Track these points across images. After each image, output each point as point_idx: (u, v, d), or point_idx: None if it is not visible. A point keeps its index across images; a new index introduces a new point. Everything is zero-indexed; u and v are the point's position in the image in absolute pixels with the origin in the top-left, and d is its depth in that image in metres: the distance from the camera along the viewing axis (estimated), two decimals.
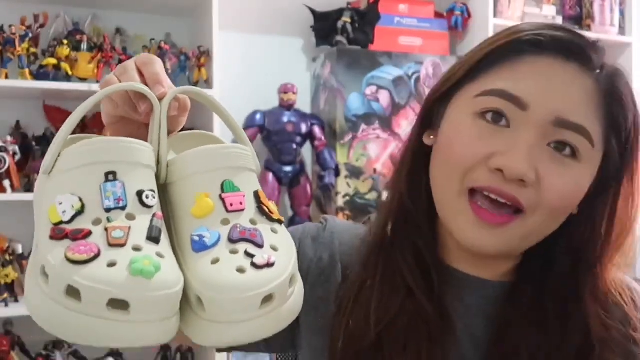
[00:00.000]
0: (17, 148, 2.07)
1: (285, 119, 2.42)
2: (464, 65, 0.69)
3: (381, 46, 2.48)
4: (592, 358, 0.66)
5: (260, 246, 0.52)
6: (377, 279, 0.71)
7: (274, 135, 2.43)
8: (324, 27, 2.54)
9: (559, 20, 2.90)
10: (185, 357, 2.28)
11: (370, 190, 2.44)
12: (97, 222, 0.49)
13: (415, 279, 0.69)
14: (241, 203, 0.54)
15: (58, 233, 0.48)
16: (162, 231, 0.51)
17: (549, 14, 2.87)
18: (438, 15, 2.71)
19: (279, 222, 0.56)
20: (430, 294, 0.69)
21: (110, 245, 0.47)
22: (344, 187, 2.41)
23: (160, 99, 0.56)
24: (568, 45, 0.65)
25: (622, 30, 3.04)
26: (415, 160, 0.73)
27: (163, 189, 0.56)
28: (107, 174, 0.50)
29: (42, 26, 2.12)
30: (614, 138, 0.66)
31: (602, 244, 0.69)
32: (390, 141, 2.46)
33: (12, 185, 2.02)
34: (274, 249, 0.53)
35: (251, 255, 0.51)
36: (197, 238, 0.52)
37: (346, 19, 2.49)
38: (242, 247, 0.51)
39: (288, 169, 2.45)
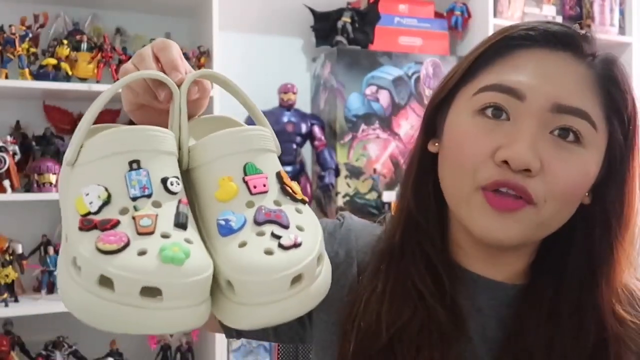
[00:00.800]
0: (17, 148, 2.06)
1: (285, 119, 2.42)
2: (460, 69, 0.70)
3: (381, 46, 2.48)
4: (606, 356, 0.66)
5: (286, 227, 0.52)
6: (389, 284, 0.71)
7: None
8: (324, 27, 2.54)
9: (559, 20, 2.90)
10: (185, 356, 2.28)
11: (370, 190, 2.44)
12: (124, 211, 0.49)
13: (427, 284, 0.69)
14: (264, 185, 0.54)
15: (87, 224, 0.48)
16: (189, 217, 0.51)
17: (549, 14, 2.87)
18: (438, 15, 2.71)
19: (303, 201, 0.56)
20: (443, 299, 0.69)
21: (139, 233, 0.48)
22: (343, 187, 2.41)
23: (179, 85, 0.56)
24: (558, 35, 0.67)
25: (622, 30, 3.04)
26: (421, 169, 0.73)
27: (186, 174, 0.56)
28: (130, 163, 0.51)
29: (42, 26, 2.12)
30: (615, 121, 0.67)
31: (615, 232, 0.68)
32: (390, 141, 2.46)
33: (12, 185, 2.02)
34: (300, 229, 0.53)
35: (278, 237, 0.51)
36: (223, 222, 0.52)
37: (346, 19, 2.49)
38: (269, 228, 0.51)
39: (288, 169, 2.45)
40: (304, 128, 2.44)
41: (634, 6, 3.05)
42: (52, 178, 2.04)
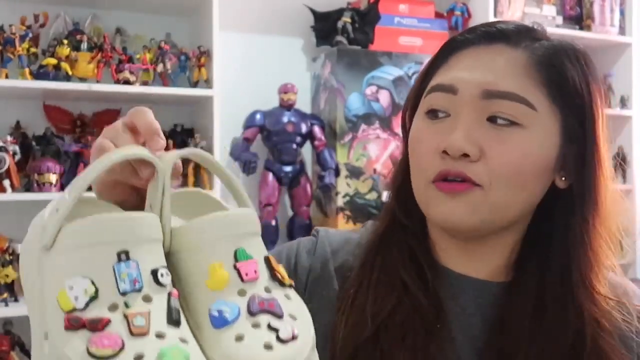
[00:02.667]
0: (17, 148, 2.06)
1: (285, 119, 2.42)
2: (419, 78, 0.75)
3: (381, 46, 2.48)
4: (584, 340, 0.67)
5: (280, 316, 0.50)
6: (374, 278, 0.73)
7: (274, 135, 2.43)
8: (324, 27, 2.54)
9: (559, 21, 2.90)
10: None
11: (370, 190, 2.44)
12: (113, 307, 0.45)
13: (411, 276, 0.71)
14: (255, 271, 0.51)
15: (74, 323, 0.44)
16: (180, 311, 0.48)
17: (549, 14, 2.87)
18: (438, 15, 2.71)
19: (290, 286, 0.54)
20: (426, 291, 0.71)
21: (133, 334, 0.44)
22: (344, 187, 2.41)
23: (160, 150, 0.52)
24: (491, 31, 0.70)
25: (622, 31, 3.04)
26: (404, 175, 0.76)
27: (166, 257, 0.52)
28: (119, 254, 0.47)
29: (42, 26, 2.12)
30: (565, 102, 0.67)
31: (587, 215, 0.69)
32: (390, 141, 2.46)
33: (12, 185, 2.02)
34: (293, 317, 0.51)
35: (275, 329, 0.49)
36: (216, 313, 0.49)
37: (346, 19, 2.49)
38: (264, 319, 0.49)
39: (288, 169, 2.45)
40: (304, 128, 2.44)
41: (634, 6, 3.05)
42: (52, 178, 2.04)
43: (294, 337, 0.49)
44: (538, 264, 0.71)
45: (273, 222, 2.45)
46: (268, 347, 0.48)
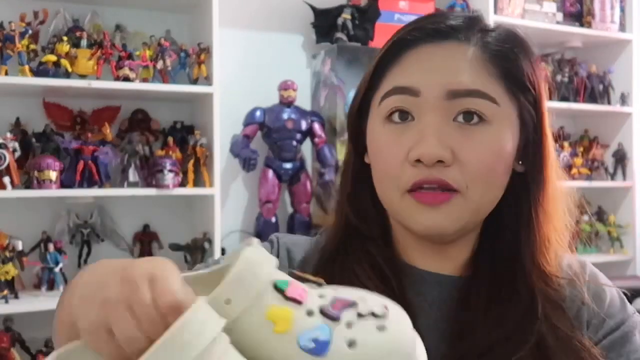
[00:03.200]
0: (17, 145, 2.06)
1: (285, 116, 2.42)
2: (364, 80, 0.73)
3: (381, 43, 2.44)
4: (535, 315, 0.68)
5: (355, 303, 0.49)
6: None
7: (274, 132, 2.43)
8: (324, 23, 2.54)
9: (560, 17, 2.90)
10: None
11: None
12: None
13: (373, 281, 0.70)
14: (302, 289, 0.49)
15: None
16: None
17: (549, 11, 2.87)
18: (438, 12, 2.71)
19: (323, 282, 0.52)
20: (391, 294, 0.69)
21: None
22: None
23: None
24: (439, 29, 0.69)
25: (622, 27, 3.04)
26: (356, 180, 0.76)
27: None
28: None
29: (41, 23, 2.11)
30: (519, 91, 0.69)
31: (535, 193, 0.71)
32: None
33: (12, 182, 2.02)
34: (361, 297, 0.50)
35: (367, 314, 0.47)
36: (312, 344, 0.46)
37: (346, 15, 2.49)
38: (350, 315, 0.48)
39: (288, 165, 2.45)
40: (304, 125, 2.43)
41: (635, 3, 3.05)
42: (52, 175, 2.04)
43: (386, 307, 0.49)
44: (492, 250, 0.72)
45: (273, 219, 2.45)
46: (381, 328, 0.47)
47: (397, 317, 0.49)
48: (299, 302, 0.47)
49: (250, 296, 0.46)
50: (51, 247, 2.12)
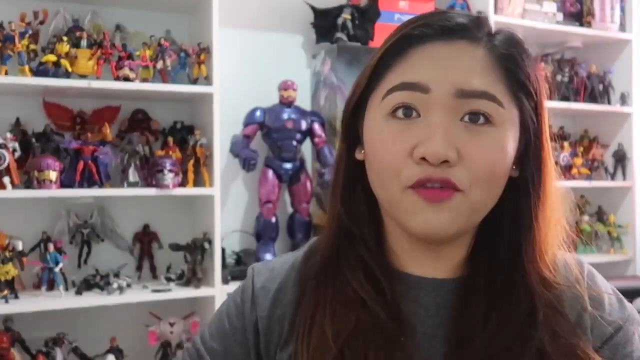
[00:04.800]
0: (17, 145, 2.06)
1: (285, 116, 2.42)
2: (365, 75, 0.72)
3: (381, 43, 2.47)
4: (536, 321, 0.67)
5: None
6: (329, 297, 0.71)
7: (274, 132, 2.43)
8: (324, 23, 2.54)
9: (560, 17, 2.90)
10: None
11: None
12: None
13: (366, 290, 0.70)
14: None
15: None
16: None
17: (550, 11, 2.87)
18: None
19: None
20: (385, 303, 0.69)
21: None
22: None
23: None
24: (449, 26, 0.68)
25: (622, 27, 3.04)
26: (348, 178, 0.75)
27: None
28: None
29: (41, 23, 2.11)
30: (522, 95, 0.69)
31: (535, 200, 0.71)
32: None
33: (12, 182, 2.01)
34: None
35: None
36: None
37: (346, 15, 2.49)
38: None
39: (288, 166, 2.45)
40: (304, 125, 2.43)
41: (635, 3, 3.05)
42: (52, 175, 2.04)
43: None
44: (489, 253, 0.72)
45: (273, 220, 2.45)
46: None
47: None
48: None
49: None
50: (51, 247, 2.12)
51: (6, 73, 2.01)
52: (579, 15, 2.98)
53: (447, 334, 0.69)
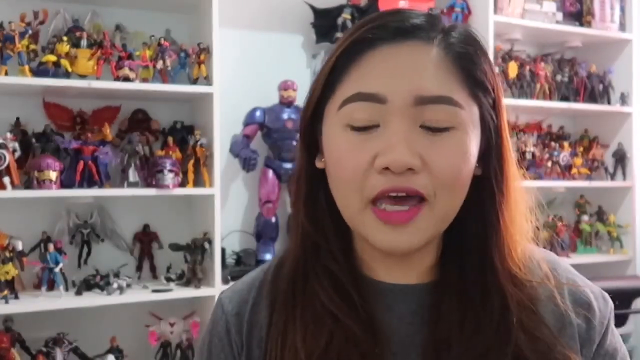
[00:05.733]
0: (17, 145, 2.06)
1: (285, 116, 2.42)
2: (319, 82, 0.69)
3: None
4: (510, 321, 0.66)
5: None
6: (298, 312, 0.69)
7: (273, 132, 2.43)
8: (324, 23, 2.54)
9: (560, 17, 2.90)
10: (185, 353, 2.28)
11: None
12: None
13: (337, 304, 0.68)
14: None
15: None
16: None
17: (549, 10, 2.87)
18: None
19: None
20: (357, 316, 0.68)
21: None
22: None
23: None
24: (403, 27, 0.66)
25: (622, 27, 3.04)
26: (310, 187, 0.73)
27: None
28: None
29: (41, 23, 2.11)
30: (481, 93, 0.67)
31: (499, 197, 0.70)
32: None
33: (12, 182, 2.02)
34: None
35: None
36: None
37: (346, 15, 2.49)
38: None
39: (288, 165, 2.45)
40: None
41: (635, 3, 3.05)
42: (52, 175, 2.04)
43: None
44: (458, 254, 0.71)
45: (273, 219, 2.45)
46: None
47: None
48: None
49: None
50: (51, 247, 2.12)
51: (6, 73, 2.01)
52: (579, 15, 2.98)
53: (423, 342, 0.68)
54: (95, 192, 2.13)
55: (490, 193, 0.69)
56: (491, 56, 2.62)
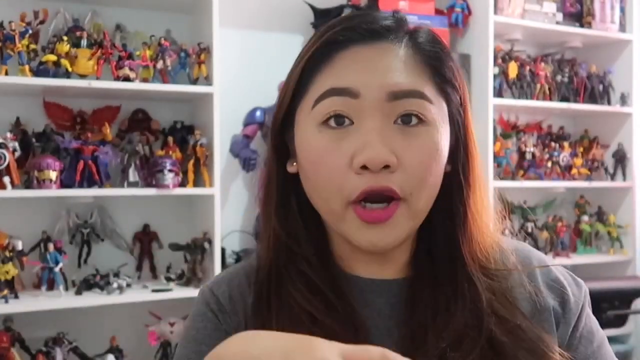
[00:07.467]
0: (17, 145, 2.06)
1: None
2: (290, 84, 0.71)
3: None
4: (481, 310, 0.67)
5: None
6: (274, 315, 0.68)
7: None
8: (324, 23, 2.53)
9: (560, 17, 2.90)
10: None
11: None
12: None
13: (314, 305, 0.68)
14: None
15: None
16: None
17: (549, 11, 2.87)
18: (438, 12, 2.70)
19: None
20: (336, 315, 0.68)
21: None
22: None
23: None
24: (373, 29, 0.68)
25: (622, 27, 3.04)
26: (281, 192, 0.73)
27: None
28: None
29: (41, 22, 2.11)
30: (449, 89, 0.69)
31: (467, 190, 0.71)
32: None
33: (12, 182, 2.02)
34: None
35: None
36: None
37: None
38: None
39: None
40: None
41: (635, 3, 3.05)
42: (52, 175, 2.04)
43: None
44: (430, 249, 0.73)
45: None
46: None
47: None
48: None
49: None
50: (51, 247, 2.12)
51: (6, 73, 2.01)
52: (579, 15, 2.98)
53: (401, 333, 0.69)
54: (95, 191, 2.13)
55: (458, 188, 0.71)
56: (491, 56, 2.63)
